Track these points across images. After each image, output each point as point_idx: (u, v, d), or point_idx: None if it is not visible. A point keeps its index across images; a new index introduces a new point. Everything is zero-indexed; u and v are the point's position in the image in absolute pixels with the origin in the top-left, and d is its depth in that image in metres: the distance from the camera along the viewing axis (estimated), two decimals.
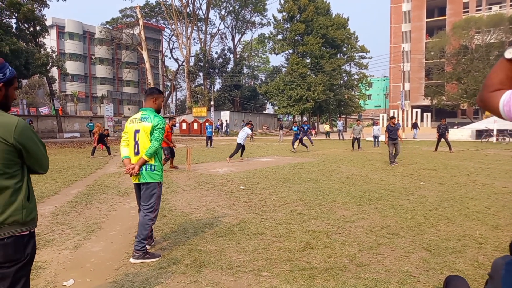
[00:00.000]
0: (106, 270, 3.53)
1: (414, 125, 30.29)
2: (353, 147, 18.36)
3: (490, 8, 47.35)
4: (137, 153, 3.74)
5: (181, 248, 4.06)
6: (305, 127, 22.80)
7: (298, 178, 9.03)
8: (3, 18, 26.22)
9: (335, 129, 38.62)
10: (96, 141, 15.96)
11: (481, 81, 37.26)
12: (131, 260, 3.71)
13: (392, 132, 11.93)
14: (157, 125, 3.69)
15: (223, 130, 40.30)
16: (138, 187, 3.88)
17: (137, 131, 3.75)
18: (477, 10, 47.78)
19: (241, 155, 14.00)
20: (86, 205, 6.34)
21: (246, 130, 13.92)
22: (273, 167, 11.36)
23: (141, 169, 3.68)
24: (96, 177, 9.73)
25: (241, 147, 13.62)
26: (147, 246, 3.82)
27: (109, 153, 16.28)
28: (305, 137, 20.75)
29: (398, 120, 35.75)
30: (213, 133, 37.75)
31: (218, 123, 40.77)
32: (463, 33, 39.14)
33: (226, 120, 42.43)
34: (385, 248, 4.03)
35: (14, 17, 26.53)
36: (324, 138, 32.30)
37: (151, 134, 3.69)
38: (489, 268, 2.06)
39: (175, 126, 11.48)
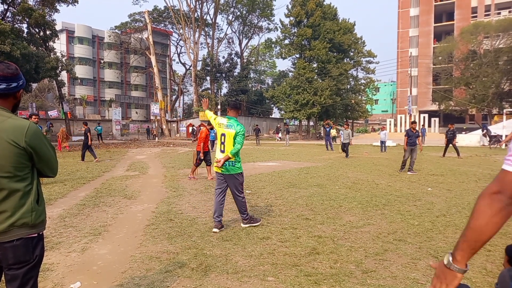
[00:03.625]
0: (112, 273, 3.56)
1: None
2: (346, 154, 17.05)
3: (499, 13, 46.97)
4: (223, 151, 4.90)
5: (187, 252, 4.07)
6: (327, 129, 23.19)
7: (304, 183, 9.01)
8: (14, 23, 26.68)
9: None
10: (90, 143, 14.84)
11: (489, 86, 36.95)
12: (242, 225, 5.08)
13: (411, 137, 11.35)
14: (239, 132, 4.84)
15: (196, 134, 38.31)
16: (221, 175, 5.01)
17: (223, 135, 4.90)
18: (485, 15, 47.44)
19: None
20: (93, 208, 6.39)
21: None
22: (279, 172, 11.35)
23: (225, 164, 4.83)
24: (104, 180, 9.81)
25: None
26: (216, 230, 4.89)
27: (83, 159, 15.02)
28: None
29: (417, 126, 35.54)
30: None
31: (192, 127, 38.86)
32: (471, 38, 38.87)
33: (199, 126, 40.70)
34: (391, 254, 4.00)
35: (25, 22, 26.97)
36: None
37: (234, 138, 4.83)
38: (497, 276, 2.03)
39: (213, 129, 10.50)
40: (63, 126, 27.35)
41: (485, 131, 26.50)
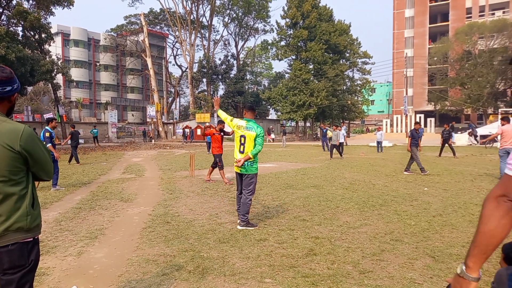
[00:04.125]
0: (109, 276, 3.54)
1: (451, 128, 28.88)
2: (331, 156, 16.77)
3: (493, 14, 47.35)
4: (242, 152, 5.11)
5: (184, 255, 4.06)
6: (324, 130, 23.38)
7: (301, 184, 9.01)
8: (10, 26, 26.56)
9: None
10: (63, 143, 15.34)
11: (484, 86, 37.20)
12: (238, 227, 5.11)
13: (416, 138, 11.20)
14: (259, 134, 5.08)
15: (187, 136, 38.21)
16: (239, 175, 5.23)
17: (242, 136, 5.12)
18: (480, 16, 47.80)
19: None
20: (89, 211, 6.36)
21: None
22: (276, 173, 11.35)
23: (244, 164, 5.02)
24: (100, 183, 9.77)
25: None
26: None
27: (77, 162, 15.04)
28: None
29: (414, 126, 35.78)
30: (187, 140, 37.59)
31: (187, 130, 39.17)
32: (466, 39, 39.13)
33: (191, 128, 41.53)
34: (388, 254, 4.01)
35: (20, 25, 26.87)
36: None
37: (255, 140, 5.05)
38: (493, 275, 2.04)
39: (223, 130, 9.65)
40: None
41: (470, 130, 27.46)
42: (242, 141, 5.12)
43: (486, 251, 1.20)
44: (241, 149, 5.13)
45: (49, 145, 8.62)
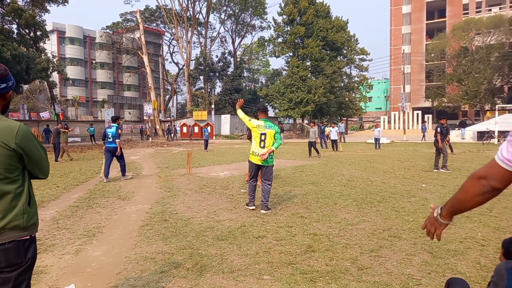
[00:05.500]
0: (107, 274, 3.53)
1: (462, 124, 28.38)
2: (309, 153, 16.19)
3: (490, 10, 47.44)
4: (263, 147, 5.82)
5: (182, 252, 4.05)
6: (321, 128, 23.43)
7: (299, 181, 9.02)
8: (4, 23, 26.34)
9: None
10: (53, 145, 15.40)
11: (481, 82, 37.30)
12: (262, 211, 5.85)
13: (444, 133, 10.90)
14: (277, 130, 5.89)
15: (172, 135, 38.87)
16: (258, 166, 5.94)
17: (263, 134, 5.83)
18: (476, 12, 47.87)
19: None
20: (87, 209, 6.34)
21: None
22: (274, 170, 11.33)
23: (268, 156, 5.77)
24: (97, 181, 9.74)
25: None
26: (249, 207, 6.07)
27: (56, 160, 15.44)
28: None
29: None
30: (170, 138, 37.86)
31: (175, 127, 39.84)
32: (463, 35, 39.17)
33: (175, 125, 42.15)
34: (386, 250, 4.02)
35: (15, 22, 26.64)
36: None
37: (274, 136, 5.83)
38: (491, 270, 2.05)
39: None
40: (35, 127, 26.25)
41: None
42: (263, 138, 5.83)
43: (457, 211, 1.53)
44: (262, 145, 5.84)
45: (118, 140, 9.68)
